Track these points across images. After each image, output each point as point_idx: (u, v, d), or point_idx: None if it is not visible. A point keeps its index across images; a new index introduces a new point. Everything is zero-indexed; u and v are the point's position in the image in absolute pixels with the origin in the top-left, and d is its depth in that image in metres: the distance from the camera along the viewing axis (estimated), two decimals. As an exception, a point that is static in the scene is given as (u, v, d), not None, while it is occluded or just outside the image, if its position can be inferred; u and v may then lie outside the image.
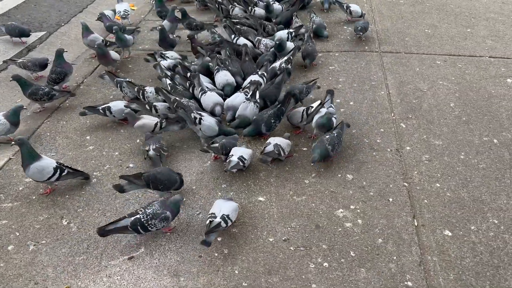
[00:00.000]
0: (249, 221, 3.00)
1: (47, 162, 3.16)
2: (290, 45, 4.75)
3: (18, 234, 2.93)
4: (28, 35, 5.23)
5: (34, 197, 3.22)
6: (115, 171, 3.44)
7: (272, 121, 3.67)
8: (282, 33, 5.00)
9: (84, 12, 6.45)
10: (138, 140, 3.76)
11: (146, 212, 2.74)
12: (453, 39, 5.39)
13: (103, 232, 2.74)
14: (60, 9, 6.46)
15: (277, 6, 5.74)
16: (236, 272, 2.67)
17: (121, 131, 3.90)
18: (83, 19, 6.17)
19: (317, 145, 3.40)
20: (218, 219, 2.75)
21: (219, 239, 2.87)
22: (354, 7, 5.70)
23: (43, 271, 2.69)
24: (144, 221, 2.72)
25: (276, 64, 4.39)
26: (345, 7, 5.72)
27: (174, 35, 5.28)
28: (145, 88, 4.09)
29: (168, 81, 4.14)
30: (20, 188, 3.29)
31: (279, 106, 3.70)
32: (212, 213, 2.81)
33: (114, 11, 5.89)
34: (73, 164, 3.46)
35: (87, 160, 3.55)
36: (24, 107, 3.79)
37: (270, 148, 3.38)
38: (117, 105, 3.84)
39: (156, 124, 3.62)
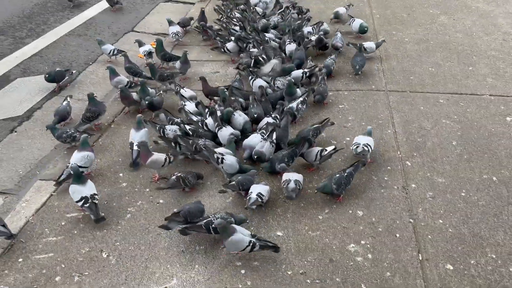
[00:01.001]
0: (269, 254, 3.33)
1: (90, 185, 3.68)
2: (297, 92, 5.05)
3: (63, 266, 3.29)
4: (64, 77, 5.73)
5: (75, 232, 3.58)
6: (147, 207, 3.81)
7: (286, 160, 4.04)
8: (297, 73, 5.40)
9: (109, 50, 6.91)
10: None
11: (215, 217, 3.40)
12: (456, 78, 5.75)
13: (184, 232, 3.41)
14: (88, 48, 6.96)
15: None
16: (259, 302, 2.99)
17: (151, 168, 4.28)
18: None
19: (325, 181, 3.78)
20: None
21: (242, 271, 3.21)
22: (368, 44, 6.10)
23: (88, 300, 3.04)
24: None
25: (294, 105, 4.77)
26: (358, 45, 6.04)
27: (161, 91, 5.28)
28: (165, 126, 4.50)
29: (188, 127, 4.54)
30: (63, 223, 3.67)
31: (293, 147, 4.08)
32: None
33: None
34: (109, 200, 3.86)
35: (121, 197, 3.92)
36: (89, 136, 4.31)
37: (292, 185, 3.72)
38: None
39: (165, 159, 4.04)
